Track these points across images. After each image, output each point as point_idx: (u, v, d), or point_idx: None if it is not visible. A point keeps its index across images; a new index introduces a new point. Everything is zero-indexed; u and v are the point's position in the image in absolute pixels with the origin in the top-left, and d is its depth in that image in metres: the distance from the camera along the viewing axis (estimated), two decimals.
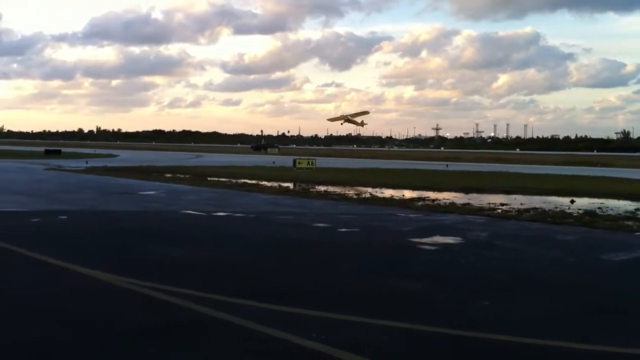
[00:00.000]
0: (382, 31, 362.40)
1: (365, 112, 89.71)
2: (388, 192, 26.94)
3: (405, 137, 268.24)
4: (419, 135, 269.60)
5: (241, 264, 10.71)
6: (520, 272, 10.65)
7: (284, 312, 7.52)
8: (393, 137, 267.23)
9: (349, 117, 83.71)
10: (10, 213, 17.41)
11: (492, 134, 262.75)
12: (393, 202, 22.44)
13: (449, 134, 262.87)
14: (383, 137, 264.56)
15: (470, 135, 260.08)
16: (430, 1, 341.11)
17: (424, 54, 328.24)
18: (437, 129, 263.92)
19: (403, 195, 25.16)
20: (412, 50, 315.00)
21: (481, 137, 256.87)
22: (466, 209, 20.29)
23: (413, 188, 28.93)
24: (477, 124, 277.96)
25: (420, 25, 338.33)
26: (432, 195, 25.52)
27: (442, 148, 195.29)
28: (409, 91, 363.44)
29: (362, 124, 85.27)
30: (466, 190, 28.10)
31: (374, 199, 23.56)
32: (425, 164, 63.09)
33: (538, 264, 11.38)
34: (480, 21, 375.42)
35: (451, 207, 20.68)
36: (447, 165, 55.32)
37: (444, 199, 23.90)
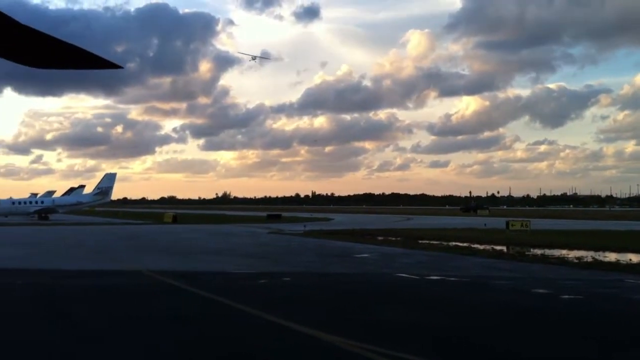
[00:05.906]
0: (599, 84, 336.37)
1: (268, 58, 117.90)
2: (612, 256, 25.16)
3: (627, 195, 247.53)
4: None
5: (463, 331, 10.72)
6: None
7: None
8: (614, 195, 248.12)
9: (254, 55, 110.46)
10: (242, 274, 19.11)
11: None
12: (619, 267, 20.92)
13: None
14: (602, 196, 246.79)
15: None
16: None
17: None
18: None
19: (630, 260, 23.33)
20: (633, 101, 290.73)
21: None
22: None
23: None
24: None
25: None
26: None
27: None
28: (630, 146, 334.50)
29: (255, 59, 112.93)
30: None
31: (597, 263, 22.15)
32: None
33: None
34: None
35: None
36: None
37: None
